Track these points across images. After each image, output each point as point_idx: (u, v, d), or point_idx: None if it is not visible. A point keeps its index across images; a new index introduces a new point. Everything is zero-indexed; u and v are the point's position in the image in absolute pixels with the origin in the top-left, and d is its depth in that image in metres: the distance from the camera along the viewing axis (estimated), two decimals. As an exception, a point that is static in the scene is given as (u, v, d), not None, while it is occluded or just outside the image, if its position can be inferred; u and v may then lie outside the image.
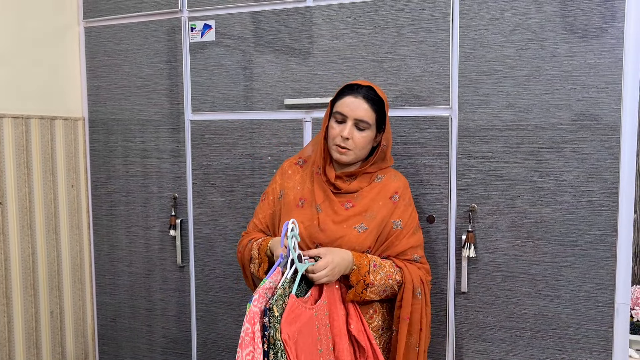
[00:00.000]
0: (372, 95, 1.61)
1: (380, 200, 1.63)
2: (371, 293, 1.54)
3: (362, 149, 1.62)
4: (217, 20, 2.15)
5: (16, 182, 2.11)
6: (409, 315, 1.60)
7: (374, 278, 1.53)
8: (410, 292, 1.59)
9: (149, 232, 2.36)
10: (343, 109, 1.60)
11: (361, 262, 1.53)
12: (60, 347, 2.34)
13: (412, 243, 1.64)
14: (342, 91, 1.63)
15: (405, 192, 1.68)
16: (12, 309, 2.11)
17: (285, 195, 1.70)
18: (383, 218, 1.61)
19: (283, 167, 1.77)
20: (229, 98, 2.16)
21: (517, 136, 1.80)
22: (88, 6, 2.37)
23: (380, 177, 1.68)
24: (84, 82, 2.42)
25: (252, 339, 1.33)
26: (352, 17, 1.97)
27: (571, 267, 1.78)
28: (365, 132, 1.61)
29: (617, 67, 1.69)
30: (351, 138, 1.59)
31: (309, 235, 1.59)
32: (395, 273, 1.58)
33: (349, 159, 1.62)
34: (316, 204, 1.63)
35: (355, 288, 1.53)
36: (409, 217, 1.65)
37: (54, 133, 2.28)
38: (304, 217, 1.61)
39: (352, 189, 1.64)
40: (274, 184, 1.76)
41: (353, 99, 1.60)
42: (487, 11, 1.81)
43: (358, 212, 1.61)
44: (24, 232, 2.15)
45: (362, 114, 1.59)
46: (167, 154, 2.29)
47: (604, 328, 1.77)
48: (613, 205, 1.73)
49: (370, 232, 1.59)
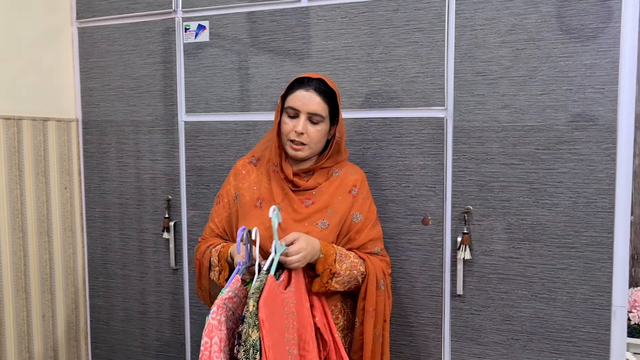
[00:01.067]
0: (324, 87, 1.59)
1: (340, 195, 1.62)
2: (336, 283, 1.53)
3: (317, 143, 1.60)
4: (211, 21, 2.14)
5: (7, 183, 2.09)
6: (374, 306, 1.60)
7: (339, 267, 1.52)
8: (374, 284, 1.60)
9: (143, 234, 2.33)
10: (295, 103, 1.57)
11: (328, 251, 1.52)
12: (53, 351, 2.31)
13: (372, 236, 1.64)
14: (292, 85, 1.61)
15: (363, 185, 1.67)
16: (4, 312, 2.09)
17: (240, 196, 1.67)
18: (343, 213, 1.61)
19: (236, 167, 1.74)
20: (223, 99, 2.15)
21: (513, 137, 1.79)
22: (81, 7, 2.35)
23: (337, 172, 1.67)
24: (77, 83, 2.40)
25: (210, 352, 1.31)
26: (347, 17, 1.95)
27: (567, 270, 1.77)
28: (319, 126, 1.59)
29: (613, 67, 1.68)
30: (305, 132, 1.57)
31: (270, 235, 1.55)
32: (359, 264, 1.58)
33: (305, 154, 1.60)
34: (275, 203, 1.60)
35: (321, 277, 1.51)
36: (368, 210, 1.65)
37: (47, 134, 2.26)
38: (263, 217, 1.59)
39: (310, 186, 1.63)
40: (227, 186, 1.72)
41: (305, 93, 1.57)
42: (482, 11, 1.80)
43: (318, 208, 1.60)
44: (15, 234, 2.13)
45: (315, 107, 1.56)
46: (161, 156, 2.27)
47: (601, 331, 1.75)
48: (609, 206, 1.71)
49: (333, 228, 1.58)
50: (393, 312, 1.93)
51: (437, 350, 1.93)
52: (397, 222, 1.93)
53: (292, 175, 1.62)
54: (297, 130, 1.56)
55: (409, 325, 1.96)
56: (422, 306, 1.94)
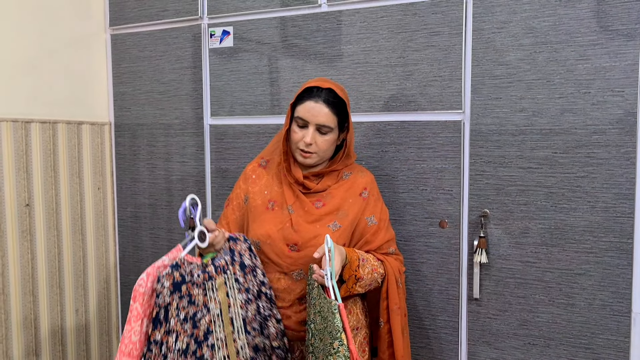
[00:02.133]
0: (332, 98, 1.59)
1: (350, 198, 1.65)
2: (359, 287, 1.56)
3: (325, 151, 1.63)
4: (235, 27, 2.20)
5: (43, 184, 2.20)
6: (398, 304, 1.64)
7: (362, 272, 1.55)
8: (394, 284, 1.64)
9: (171, 234, 2.41)
10: (304, 114, 1.59)
11: (352, 257, 1.54)
12: (85, 345, 2.42)
13: (388, 237, 1.68)
14: (302, 96, 1.62)
15: (373, 187, 1.70)
16: (39, 306, 2.20)
17: (251, 199, 1.71)
18: (355, 215, 1.63)
19: (246, 172, 1.77)
20: (246, 103, 2.20)
21: (530, 141, 1.78)
22: (114, 14, 2.45)
23: (347, 174, 1.69)
24: (110, 87, 2.50)
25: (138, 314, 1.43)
26: (365, 22, 1.97)
27: (586, 275, 1.74)
28: (327, 136, 1.61)
29: (632, 70, 1.65)
30: (314, 143, 1.60)
31: (284, 237, 1.59)
32: (378, 267, 1.61)
33: (313, 161, 1.63)
34: (287, 205, 1.64)
35: (347, 283, 1.54)
36: (381, 212, 1.68)
37: (81, 137, 2.37)
38: (276, 219, 1.63)
39: (321, 188, 1.66)
40: (237, 190, 1.76)
41: (314, 104, 1.58)
42: (499, 14, 1.79)
43: (330, 210, 1.63)
44: (50, 232, 2.23)
45: (323, 119, 1.58)
46: (188, 158, 2.34)
47: (620, 338, 1.72)
48: (629, 211, 1.68)
49: (345, 230, 1.61)
50: (410, 315, 1.95)
51: (454, 354, 1.93)
52: (414, 225, 1.95)
53: (302, 178, 1.66)
54: (305, 141, 1.59)
55: (425, 329, 1.97)
56: (439, 309, 1.95)
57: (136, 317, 1.42)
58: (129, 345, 1.42)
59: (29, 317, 2.16)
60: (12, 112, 2.09)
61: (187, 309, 1.48)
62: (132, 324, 1.42)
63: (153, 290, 1.44)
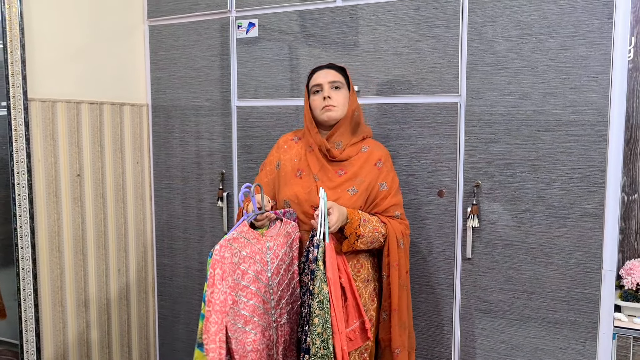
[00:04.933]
0: (335, 65, 1.97)
1: (367, 167, 1.92)
2: (361, 243, 1.83)
3: (343, 105, 1.93)
4: (260, 19, 2.48)
5: (91, 158, 2.51)
6: (397, 262, 1.90)
7: (363, 230, 1.82)
8: (395, 244, 1.89)
9: (201, 203, 2.72)
10: (317, 80, 1.94)
11: (353, 217, 1.82)
12: (126, 300, 2.74)
13: (394, 202, 1.94)
14: (311, 75, 1.97)
15: (387, 159, 1.97)
16: (87, 264, 2.52)
17: (282, 166, 2.01)
18: (370, 182, 1.90)
19: (279, 142, 2.09)
20: (268, 87, 2.49)
21: (516, 120, 2.04)
22: (152, 7, 2.74)
23: (365, 148, 1.97)
24: (148, 73, 2.80)
25: (214, 280, 1.64)
26: (374, 15, 2.24)
27: (563, 237, 2.01)
28: (340, 91, 1.94)
29: (605, 58, 1.90)
30: (332, 97, 1.90)
31: (310, 200, 1.88)
32: (380, 227, 1.88)
33: (337, 114, 1.91)
34: (313, 174, 1.92)
35: (348, 239, 1.82)
36: (392, 180, 1.95)
37: (123, 117, 2.67)
38: (304, 185, 1.92)
39: (344, 157, 1.93)
40: (270, 157, 2.07)
41: (322, 71, 1.96)
42: (491, 9, 2.04)
43: (349, 177, 1.91)
44: (97, 200, 2.55)
45: (332, 77, 1.93)
46: (217, 135, 2.64)
47: (592, 291, 1.99)
48: (601, 182, 1.94)
49: (361, 194, 1.88)
50: (413, 272, 2.22)
51: (449, 307, 2.21)
52: (416, 194, 2.22)
53: (326, 143, 1.92)
54: (324, 96, 1.90)
55: (425, 285, 2.25)
56: (437, 268, 2.22)
57: (220, 279, 1.66)
58: (218, 303, 1.65)
59: (79, 273, 2.48)
60: (66, 94, 2.40)
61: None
62: (218, 286, 1.65)
63: (224, 257, 1.69)
